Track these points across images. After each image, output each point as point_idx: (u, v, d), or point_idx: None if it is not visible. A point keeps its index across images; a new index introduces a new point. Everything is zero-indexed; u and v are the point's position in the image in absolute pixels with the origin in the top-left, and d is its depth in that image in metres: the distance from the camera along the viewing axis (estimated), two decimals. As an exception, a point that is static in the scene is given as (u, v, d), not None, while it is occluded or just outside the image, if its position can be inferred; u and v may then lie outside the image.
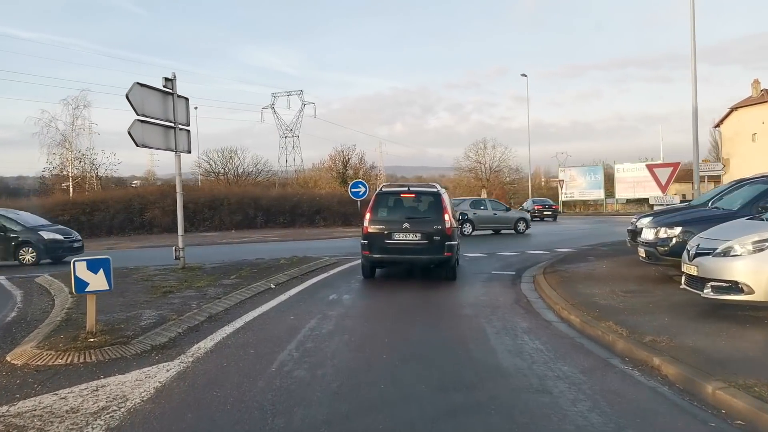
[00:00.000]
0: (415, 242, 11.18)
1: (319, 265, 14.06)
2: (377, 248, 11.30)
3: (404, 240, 11.21)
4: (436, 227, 11.18)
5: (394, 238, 11.20)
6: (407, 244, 11.22)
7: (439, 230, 11.16)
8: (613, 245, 18.16)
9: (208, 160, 48.62)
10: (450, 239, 11.20)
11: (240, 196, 31.92)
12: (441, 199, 11.57)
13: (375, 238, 11.29)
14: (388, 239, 11.23)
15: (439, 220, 11.22)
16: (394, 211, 11.69)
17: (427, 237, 11.14)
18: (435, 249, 11.16)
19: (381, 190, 12.13)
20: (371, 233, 11.33)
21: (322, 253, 18.17)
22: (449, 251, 11.22)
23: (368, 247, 11.36)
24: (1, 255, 17.36)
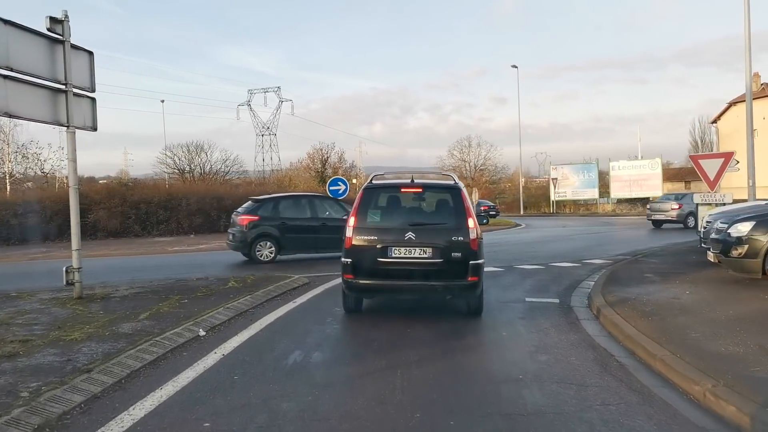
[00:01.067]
0: (424, 261, 7.40)
1: (284, 288, 10.13)
2: (366, 271, 7.47)
3: (407, 258, 7.41)
4: (455, 238, 7.39)
5: (391, 256, 7.41)
6: (412, 265, 7.43)
7: (461, 243, 7.39)
8: (655, 254, 14.50)
9: (172, 156, 44.34)
10: (476, 256, 7.43)
11: (201, 196, 27.72)
12: (462, 196, 7.68)
13: (362, 256, 7.47)
14: (383, 257, 7.43)
15: (461, 228, 7.43)
16: (392, 215, 7.86)
17: (442, 253, 7.39)
18: (454, 272, 7.38)
19: (371, 183, 8.08)
20: (357, 248, 7.50)
21: (290, 265, 14.23)
22: (475, 275, 7.40)
23: (352, 268, 7.48)
24: None
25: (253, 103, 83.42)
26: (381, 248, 7.38)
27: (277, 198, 16.66)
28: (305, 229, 15.33)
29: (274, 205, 15.79)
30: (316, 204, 16.17)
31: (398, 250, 7.37)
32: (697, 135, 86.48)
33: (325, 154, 56.54)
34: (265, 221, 15.15)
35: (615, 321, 7.18)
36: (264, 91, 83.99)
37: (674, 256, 14.03)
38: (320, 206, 16.08)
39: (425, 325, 7.42)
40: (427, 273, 7.41)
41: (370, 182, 8.08)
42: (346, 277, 7.55)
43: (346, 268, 7.52)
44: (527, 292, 9.91)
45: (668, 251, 15.55)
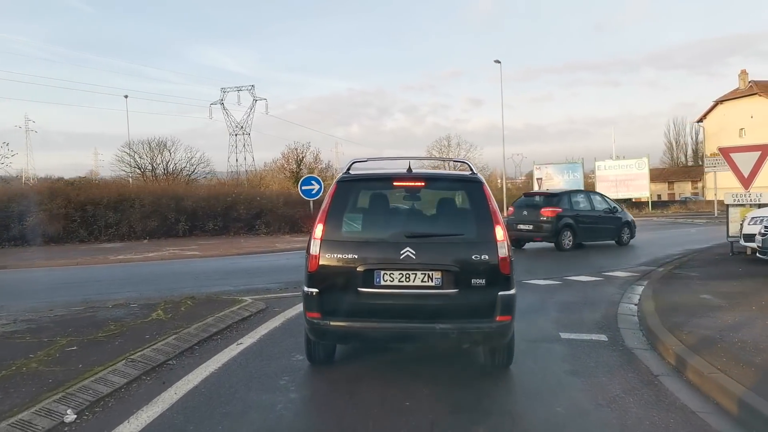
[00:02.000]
0: (430, 293, 4.87)
1: (229, 319, 7.45)
2: (340, 307, 4.90)
3: (403, 287, 4.87)
4: (477, 257, 4.87)
5: (379, 284, 4.87)
6: (410, 298, 4.89)
7: (485, 264, 4.86)
8: (686, 264, 12.12)
9: (133, 155, 41.05)
10: (507, 284, 4.91)
11: (156, 196, 24.63)
12: (485, 193, 5.16)
13: (335, 284, 4.93)
14: (367, 286, 4.87)
15: (485, 242, 4.92)
16: (379, 222, 5.33)
17: (458, 280, 4.85)
18: (475, 308, 4.86)
19: (348, 173, 5.45)
20: (327, 271, 4.94)
21: (251, 279, 11.55)
22: (507, 312, 4.89)
23: (318, 303, 4.91)
24: None
25: (226, 102, 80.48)
26: (363, 272, 4.84)
27: (569, 192, 18.63)
28: (590, 220, 17.30)
29: (568, 199, 17.46)
30: (591, 197, 18.44)
31: (390, 275, 4.84)
32: (672, 136, 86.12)
33: (301, 153, 53.94)
34: (566, 213, 16.74)
35: (721, 382, 4.67)
36: (237, 90, 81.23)
37: (714, 267, 11.66)
38: (594, 199, 18.28)
39: (432, 389, 4.83)
40: (433, 310, 4.85)
41: (347, 173, 5.43)
42: (311, 317, 4.94)
43: (310, 303, 4.93)
44: (558, 323, 7.38)
45: (698, 260, 13.21)
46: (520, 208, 17.60)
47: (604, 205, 18.20)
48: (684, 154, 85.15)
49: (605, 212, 17.89)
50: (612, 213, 18.16)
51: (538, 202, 17.38)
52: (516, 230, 16.58)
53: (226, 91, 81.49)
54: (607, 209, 18.05)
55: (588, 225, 17.11)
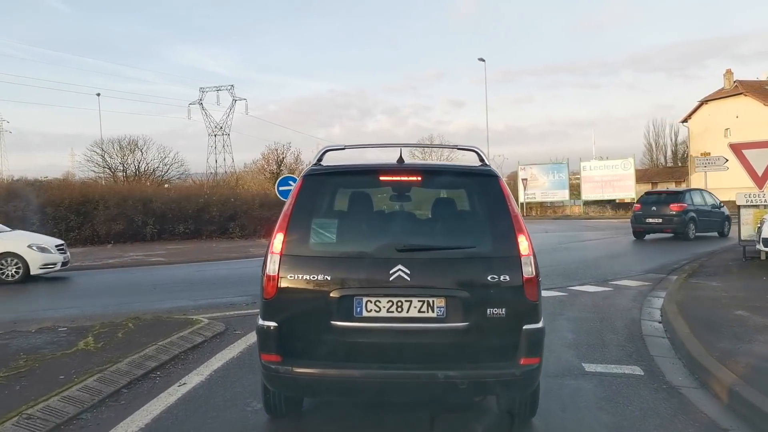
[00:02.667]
0: (432, 326, 3.54)
1: (175, 348, 6.05)
2: (308, 346, 3.57)
3: (395, 319, 3.52)
4: (495, 278, 3.55)
5: (360, 314, 3.54)
6: (405, 333, 3.55)
7: (507, 287, 3.55)
8: (700, 272, 10.96)
9: (102, 154, 39.14)
10: (534, 314, 3.62)
11: (122, 197, 22.97)
12: (503, 191, 3.85)
13: (301, 313, 3.58)
14: (343, 318, 3.53)
15: (506, 257, 3.62)
16: (360, 230, 3.98)
17: (469, 309, 3.51)
18: (493, 347, 3.55)
19: (318, 166, 4.06)
20: (289, 297, 3.59)
21: (216, 291, 10.13)
22: (534, 353, 3.60)
23: (277, 341, 3.57)
24: None
25: (205, 102, 78.75)
26: (339, 300, 3.55)
27: (689, 190, 21.62)
28: (703, 213, 19.78)
29: (689, 196, 20.07)
30: (703, 194, 20.86)
31: (376, 303, 3.55)
32: (652, 138, 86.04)
33: (281, 154, 52.53)
34: (689, 208, 19.20)
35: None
36: (217, 90, 79.70)
37: (733, 275, 10.52)
38: (705, 196, 20.72)
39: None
40: (435, 352, 3.57)
41: (318, 163, 4.09)
42: (267, 360, 3.61)
43: (267, 341, 3.62)
44: (578, 349, 6.10)
45: (710, 266, 12.06)
46: (647, 204, 20.01)
47: (712, 201, 20.70)
48: (663, 155, 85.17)
49: (713, 207, 20.46)
50: (719, 208, 20.71)
51: (664, 199, 19.88)
52: (644, 224, 19.56)
53: (205, 91, 79.80)
54: (714, 205, 20.59)
55: (703, 218, 19.63)
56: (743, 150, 12.68)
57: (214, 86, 79.50)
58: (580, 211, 50.36)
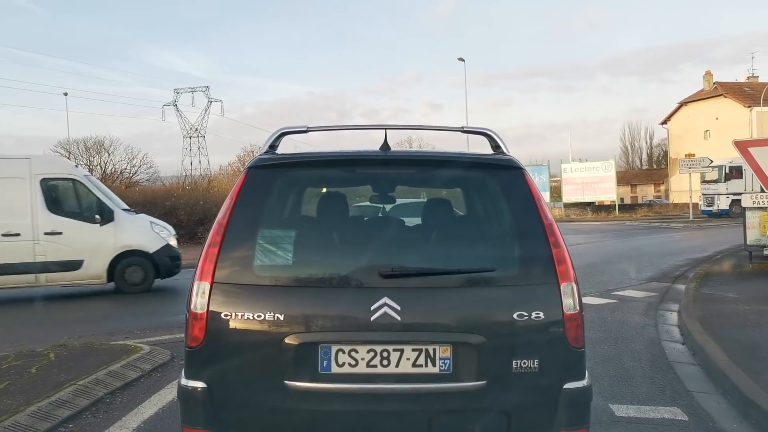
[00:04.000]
0: (432, 386, 2.36)
1: (100, 389, 4.81)
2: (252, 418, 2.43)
3: (378, 376, 2.36)
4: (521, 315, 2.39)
5: (327, 370, 2.39)
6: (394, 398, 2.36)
7: (539, 328, 2.40)
8: (708, 279, 10.00)
9: (68, 155, 37.27)
10: (579, 368, 2.48)
11: (82, 200, 21.64)
12: (531, 192, 2.62)
13: (240, 369, 2.43)
14: (304, 375, 2.37)
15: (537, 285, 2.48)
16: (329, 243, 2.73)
17: (485, 360, 2.36)
18: (522, 416, 2.38)
19: (270, 155, 2.84)
20: (224, 342, 2.44)
21: (169, 307, 8.86)
22: (580, 423, 2.44)
23: (207, 407, 2.41)
24: None
25: (179, 104, 77.03)
26: (297, 348, 2.43)
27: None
28: None
29: None
30: None
31: (351, 354, 2.44)
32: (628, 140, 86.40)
33: (257, 156, 51.26)
34: None
35: None
36: (191, 91, 78.22)
37: (748, 284, 9.59)
38: None
39: None
40: (438, 425, 2.46)
41: (269, 151, 2.95)
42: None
43: (191, 409, 2.53)
44: (599, 384, 4.95)
45: (717, 273, 11.14)
46: None
47: None
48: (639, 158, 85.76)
49: None
50: None
51: None
52: None
53: (179, 92, 78.12)
54: None
55: None
56: (749, 147, 11.74)
57: (189, 87, 78.04)
58: (561, 214, 49.80)
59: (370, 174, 3.00)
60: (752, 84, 49.70)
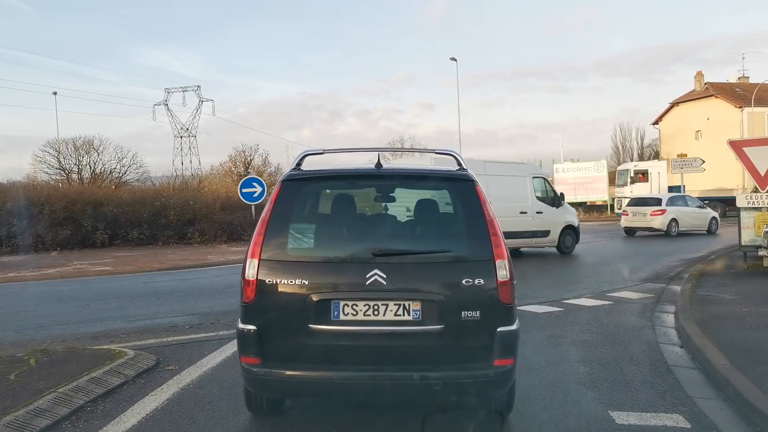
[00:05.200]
0: (406, 330, 3.61)
1: (81, 397, 4.61)
2: (288, 349, 3.63)
3: (372, 322, 3.59)
4: (469, 281, 3.62)
5: (337, 317, 3.59)
6: (381, 336, 3.61)
7: (481, 290, 3.61)
8: (703, 280, 9.91)
9: (57, 155, 36.88)
10: (509, 316, 3.69)
11: (69, 201, 21.12)
12: (479, 196, 3.86)
13: (279, 317, 3.64)
14: (321, 321, 3.59)
15: (480, 261, 3.67)
16: (339, 234, 4.01)
17: (444, 312, 3.59)
18: (466, 350, 3.63)
19: (298, 169, 4.09)
20: (267, 302, 3.64)
21: (157, 309, 8.64)
22: (508, 354, 3.65)
23: (257, 344, 3.62)
24: None
25: (170, 103, 76.55)
26: (317, 304, 3.62)
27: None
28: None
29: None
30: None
31: (353, 307, 3.62)
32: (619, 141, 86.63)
33: (248, 156, 50.86)
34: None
35: None
36: (183, 90, 77.76)
37: (743, 285, 9.49)
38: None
39: None
40: (411, 354, 3.66)
41: (296, 168, 4.11)
42: (247, 362, 3.67)
43: (246, 344, 3.68)
44: (597, 389, 4.86)
45: (712, 274, 11.06)
46: None
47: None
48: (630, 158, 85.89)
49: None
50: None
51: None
52: None
53: (170, 91, 77.67)
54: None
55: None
56: (744, 147, 11.71)
57: (180, 87, 77.69)
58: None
59: (367, 184, 4.26)
60: (743, 84, 49.89)
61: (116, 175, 37.04)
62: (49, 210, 20.74)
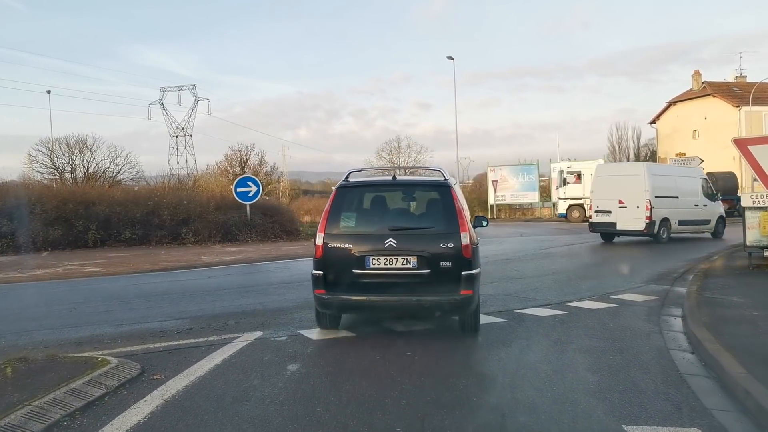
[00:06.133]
0: (408, 273, 6.25)
1: (57, 411, 4.29)
2: (340, 284, 6.32)
3: (388, 269, 6.26)
4: (444, 245, 6.27)
5: (369, 266, 6.28)
6: (394, 277, 6.27)
7: (451, 250, 6.24)
8: (710, 283, 9.64)
9: (50, 153, 36.39)
10: (469, 266, 6.26)
11: (61, 200, 20.78)
12: (452, 195, 6.47)
13: (335, 267, 6.36)
14: (360, 268, 6.29)
15: (451, 233, 6.29)
16: (370, 218, 6.78)
17: (429, 263, 6.24)
18: (444, 284, 6.20)
19: (347, 180, 6.89)
20: (329, 257, 6.38)
21: (147, 312, 8.34)
22: (469, 287, 6.21)
23: (323, 281, 6.35)
24: None
25: (166, 102, 76.22)
26: (357, 258, 6.32)
27: None
28: None
29: None
30: None
31: (377, 259, 6.29)
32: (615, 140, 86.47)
33: (244, 156, 50.44)
34: None
35: None
36: (178, 89, 77.58)
37: (751, 288, 9.22)
38: None
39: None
40: (411, 286, 6.26)
41: (346, 181, 6.88)
42: (318, 293, 6.42)
43: (317, 282, 6.40)
44: (608, 401, 4.56)
45: (717, 275, 10.79)
46: None
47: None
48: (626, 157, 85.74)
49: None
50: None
51: None
52: None
53: (166, 90, 77.29)
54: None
55: None
56: (749, 146, 11.43)
57: (176, 86, 77.37)
58: (550, 213, 49.57)
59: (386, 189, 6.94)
60: (740, 84, 49.71)
61: (110, 174, 36.54)
62: (41, 210, 20.35)
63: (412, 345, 6.24)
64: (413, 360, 5.76)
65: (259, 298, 9.61)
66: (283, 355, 6.03)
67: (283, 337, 6.75)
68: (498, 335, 6.75)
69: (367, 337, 6.75)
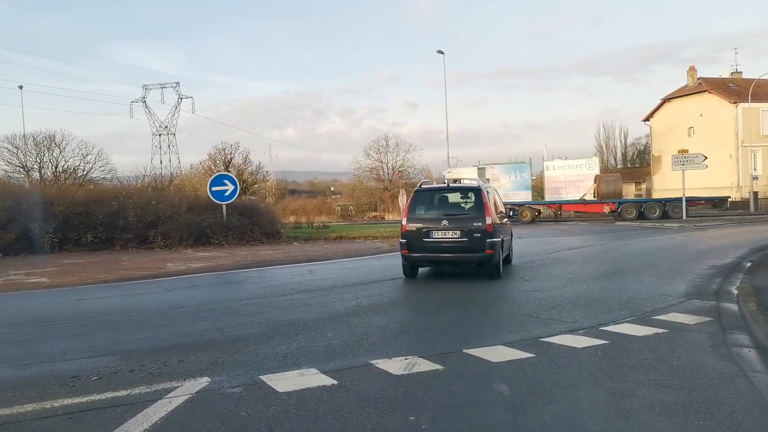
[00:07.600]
0: (454, 240, 10.86)
1: None
2: (416, 247, 11.07)
3: (443, 238, 10.90)
4: (476, 224, 10.79)
5: (432, 237, 10.97)
6: (446, 242, 10.90)
7: (479, 227, 10.74)
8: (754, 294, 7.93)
9: (16, 151, 34.13)
10: (491, 236, 10.73)
11: (14, 200, 18.76)
12: (482, 195, 11.04)
13: (413, 237, 11.08)
14: (427, 237, 10.97)
15: (480, 217, 10.84)
16: (433, 209, 11.48)
17: (467, 234, 10.78)
18: (475, 246, 10.73)
19: (420, 187, 11.96)
20: (409, 231, 11.13)
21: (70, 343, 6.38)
22: (491, 248, 10.71)
23: (407, 246, 11.15)
24: None
25: (148, 100, 74.14)
26: (425, 231, 10.96)
27: None
28: None
29: None
30: None
31: (437, 233, 10.90)
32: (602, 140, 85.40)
33: (228, 154, 48.51)
34: None
35: None
36: (161, 87, 75.60)
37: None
38: None
39: None
40: (457, 248, 10.81)
41: (420, 188, 11.90)
42: (403, 253, 11.22)
43: (403, 246, 11.17)
44: None
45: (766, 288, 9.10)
46: None
47: None
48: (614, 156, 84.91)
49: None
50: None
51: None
52: None
53: (148, 88, 75.31)
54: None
55: None
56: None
57: (158, 83, 75.44)
58: (545, 212, 48.04)
59: (444, 190, 12.15)
60: (736, 80, 48.50)
61: (80, 173, 34.39)
62: (-10, 211, 18.33)
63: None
64: None
65: (219, 321, 7.78)
66: (232, 423, 4.20)
67: (237, 388, 4.91)
68: (531, 381, 4.98)
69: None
